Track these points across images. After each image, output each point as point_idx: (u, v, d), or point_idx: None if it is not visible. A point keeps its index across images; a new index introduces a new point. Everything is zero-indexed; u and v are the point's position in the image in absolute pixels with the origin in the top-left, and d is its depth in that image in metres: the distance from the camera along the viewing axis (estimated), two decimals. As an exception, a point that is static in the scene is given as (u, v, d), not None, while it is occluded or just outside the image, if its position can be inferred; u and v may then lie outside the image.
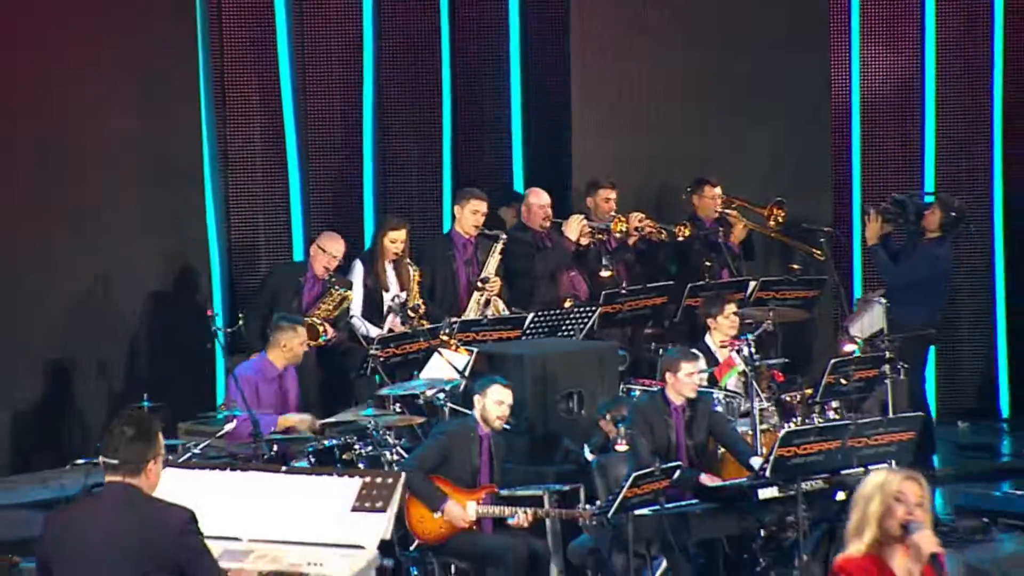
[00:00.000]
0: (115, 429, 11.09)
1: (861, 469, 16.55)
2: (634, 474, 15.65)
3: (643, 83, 22.84)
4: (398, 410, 17.84)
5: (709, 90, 22.96)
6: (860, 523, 10.13)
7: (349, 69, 22.90)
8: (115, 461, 10.91)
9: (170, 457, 14.66)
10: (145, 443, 10.96)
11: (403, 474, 14.44)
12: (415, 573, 16.76)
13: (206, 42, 21.94)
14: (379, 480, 12.87)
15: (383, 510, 12.27)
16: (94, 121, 20.87)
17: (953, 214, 21.33)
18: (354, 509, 12.24)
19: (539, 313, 19.23)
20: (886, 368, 18.89)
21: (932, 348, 22.65)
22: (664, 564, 16.55)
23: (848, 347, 19.33)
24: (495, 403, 16.51)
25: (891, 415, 18.75)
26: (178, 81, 21.35)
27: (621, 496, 15.50)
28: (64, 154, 20.51)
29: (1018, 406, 24.29)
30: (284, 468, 15.02)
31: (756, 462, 16.54)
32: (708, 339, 18.60)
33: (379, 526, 12.27)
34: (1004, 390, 23.41)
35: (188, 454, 17.53)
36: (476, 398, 16.88)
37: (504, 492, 16.54)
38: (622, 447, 16.37)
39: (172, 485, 12.00)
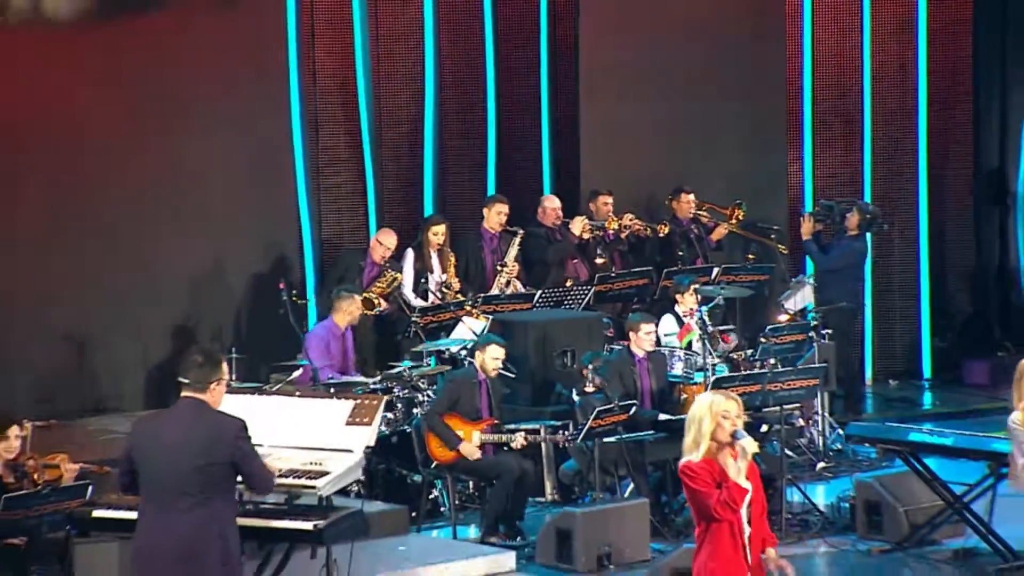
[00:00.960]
0: (189, 356, 11.81)
1: (777, 408, 17.26)
2: (597, 408, 16.24)
3: (640, 115, 22.40)
4: (431, 363, 18.45)
5: (690, 122, 22.70)
6: (696, 438, 10.75)
7: (413, 99, 22.64)
8: (187, 380, 11.51)
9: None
10: (211, 368, 11.58)
11: (384, 397, 15.18)
12: (439, 485, 17.28)
13: (299, 70, 21.79)
14: (365, 403, 13.28)
15: (368, 424, 12.72)
16: (214, 138, 20.81)
17: (868, 216, 21.68)
18: (347, 423, 12.78)
19: (546, 290, 19.69)
20: (812, 334, 19.19)
21: (868, 321, 23.44)
22: (631, 485, 17.05)
23: (782, 317, 19.59)
24: (492, 357, 17.04)
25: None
26: (276, 103, 21.40)
27: (587, 426, 16.17)
28: (192, 165, 20.57)
29: (936, 369, 24.23)
30: (297, 392, 16.26)
31: None
32: (677, 310, 19.01)
33: (365, 436, 12.79)
34: (926, 356, 23.53)
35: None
36: (476, 352, 17.41)
37: (511, 426, 17.03)
38: (590, 388, 17.07)
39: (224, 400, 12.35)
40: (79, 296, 19.78)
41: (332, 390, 17.63)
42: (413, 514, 16.99)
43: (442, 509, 17.46)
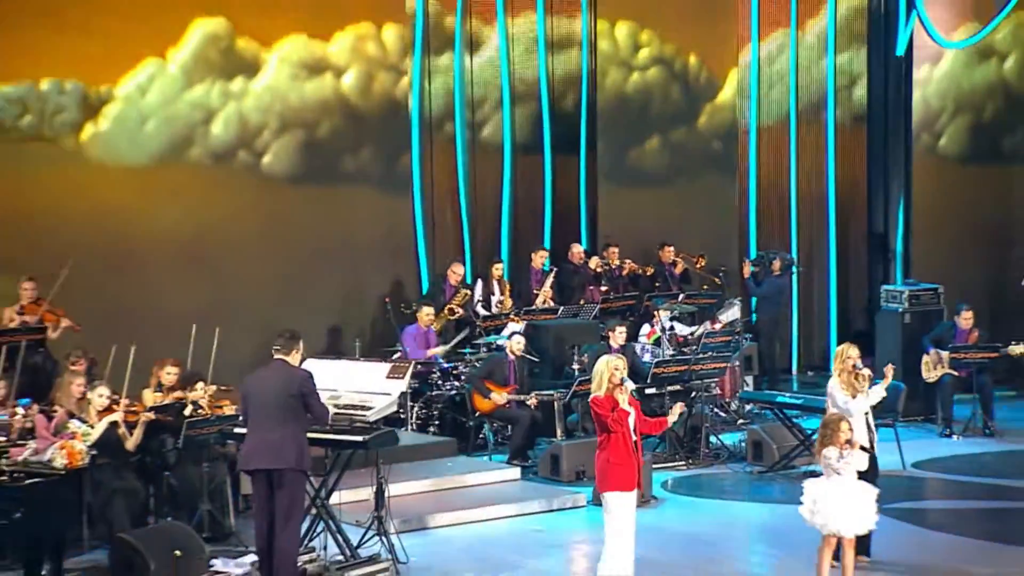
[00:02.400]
0: (278, 335, 12.87)
1: (699, 381, 17.84)
2: (579, 378, 17.05)
3: (639, 195, 22.23)
4: (486, 350, 18.68)
5: (672, 200, 22.45)
6: (599, 382, 11.84)
7: (494, 195, 22.31)
8: (277, 347, 12.63)
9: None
10: (292, 342, 12.63)
11: (413, 362, 16.52)
12: (486, 427, 17.71)
13: (419, 142, 21.25)
14: (399, 365, 14.45)
15: (402, 378, 13.76)
16: (368, 211, 20.66)
17: (787, 262, 21.87)
18: (387, 377, 13.68)
19: (567, 306, 19.80)
20: (735, 338, 19.38)
21: (795, 330, 23.28)
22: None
23: (716, 325, 19.63)
24: (517, 344, 17.72)
25: (736, 362, 19.31)
26: (401, 178, 20.89)
27: (572, 390, 17.07)
28: (345, 225, 20.34)
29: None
30: (359, 358, 17.46)
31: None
32: (654, 320, 19.31)
33: (399, 386, 13.77)
34: (832, 354, 22.11)
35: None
36: (507, 341, 18.08)
37: (533, 392, 17.55)
38: (576, 367, 17.82)
39: (310, 364, 13.29)
40: (271, 308, 19.07)
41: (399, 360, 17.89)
42: (462, 445, 17.61)
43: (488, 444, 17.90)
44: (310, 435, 13.03)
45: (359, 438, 13.10)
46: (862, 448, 12.54)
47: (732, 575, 13.42)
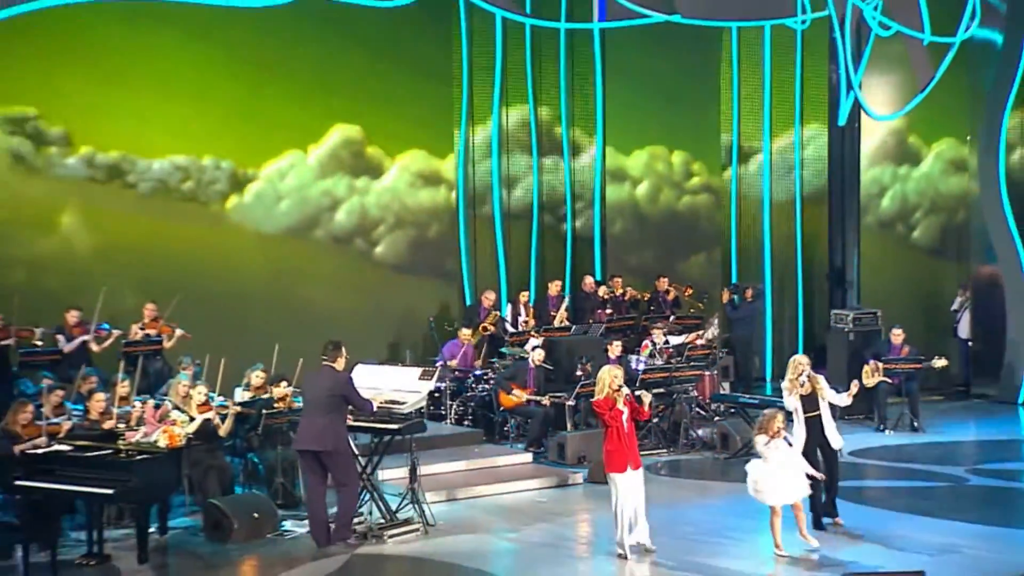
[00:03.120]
0: (325, 345, 13.10)
1: (679, 385, 17.73)
2: (582, 382, 17.01)
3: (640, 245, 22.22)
4: (508, 360, 18.50)
5: (664, 242, 22.24)
6: (600, 387, 12.22)
7: (525, 229, 22.04)
8: (325, 357, 12.89)
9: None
10: (336, 350, 12.87)
11: (440, 365, 17.37)
12: (512, 421, 17.60)
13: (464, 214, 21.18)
14: (428, 369, 14.50)
15: (430, 380, 13.88)
16: (415, 244, 20.69)
17: (758, 289, 21.58)
18: (419, 379, 13.71)
19: (578, 326, 19.61)
20: (713, 352, 19.05)
21: (769, 343, 22.53)
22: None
23: (700, 341, 19.07)
24: (538, 356, 17.57)
25: (715, 372, 18.95)
26: (453, 236, 20.96)
27: (576, 391, 17.04)
28: (394, 258, 20.40)
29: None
30: (399, 363, 17.23)
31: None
32: (649, 337, 18.87)
33: (428, 385, 13.90)
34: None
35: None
36: (531, 352, 17.87)
37: (547, 394, 17.39)
38: (580, 373, 17.47)
39: (361, 369, 13.95)
40: (347, 329, 17.30)
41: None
42: (490, 435, 17.48)
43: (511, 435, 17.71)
44: (359, 423, 13.37)
45: (395, 426, 13.35)
46: (831, 448, 12.95)
47: (704, 532, 13.37)
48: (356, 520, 13.21)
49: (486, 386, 17.99)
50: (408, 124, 20.72)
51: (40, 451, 12.74)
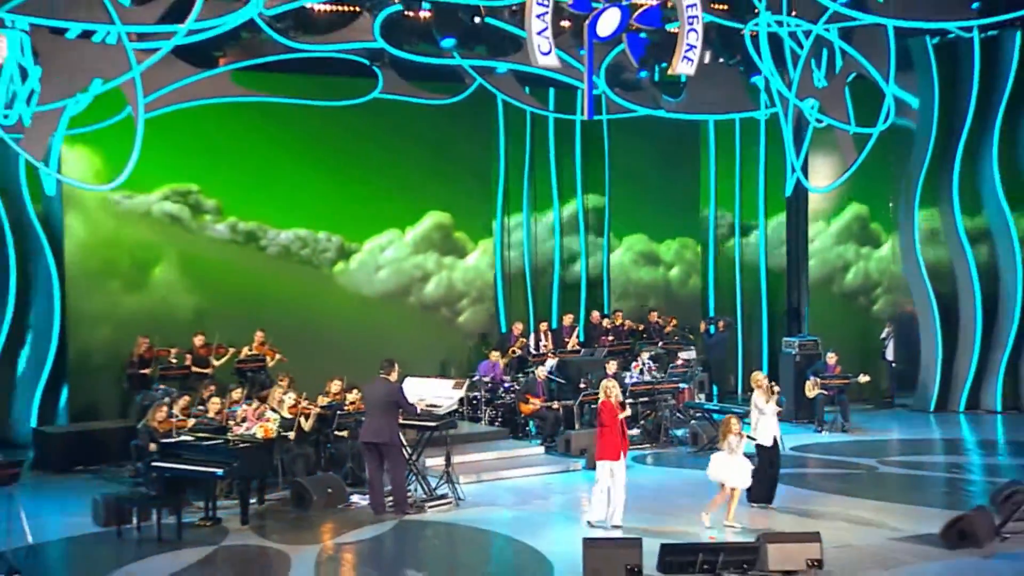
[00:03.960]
0: (382, 361, 13.19)
1: (660, 396, 17.42)
2: (584, 392, 16.92)
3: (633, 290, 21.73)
4: (523, 377, 18.10)
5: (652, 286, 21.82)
6: (601, 393, 12.24)
7: (545, 270, 21.55)
8: (382, 370, 13.03)
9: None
10: (390, 366, 12.99)
11: (469, 379, 16.89)
12: (531, 423, 17.24)
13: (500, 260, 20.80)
14: (460, 381, 14.75)
15: (461, 389, 14.09)
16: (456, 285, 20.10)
17: (727, 323, 21.28)
18: (452, 388, 13.97)
19: (585, 349, 19.35)
20: (690, 370, 18.63)
21: (740, 363, 21.72)
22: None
23: (679, 362, 18.61)
24: (544, 372, 17.36)
25: (691, 384, 18.60)
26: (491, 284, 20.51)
27: (580, 398, 16.97)
28: (432, 299, 19.89)
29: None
30: (438, 376, 16.36)
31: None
32: (639, 358, 18.19)
33: (459, 393, 14.12)
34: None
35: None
36: (538, 369, 17.55)
37: (556, 401, 17.08)
38: (583, 385, 17.31)
39: (411, 381, 14.02)
40: (407, 354, 16.61)
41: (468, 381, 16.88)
42: (513, 433, 17.09)
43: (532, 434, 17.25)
44: (406, 422, 13.51)
45: (433, 423, 13.59)
46: (775, 440, 12.97)
47: (677, 506, 13.28)
48: (408, 497, 13.21)
49: (512, 396, 17.71)
50: (483, 215, 20.79)
51: (171, 441, 13.06)
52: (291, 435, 14.19)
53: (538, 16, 13.95)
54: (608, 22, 14.22)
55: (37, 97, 14.45)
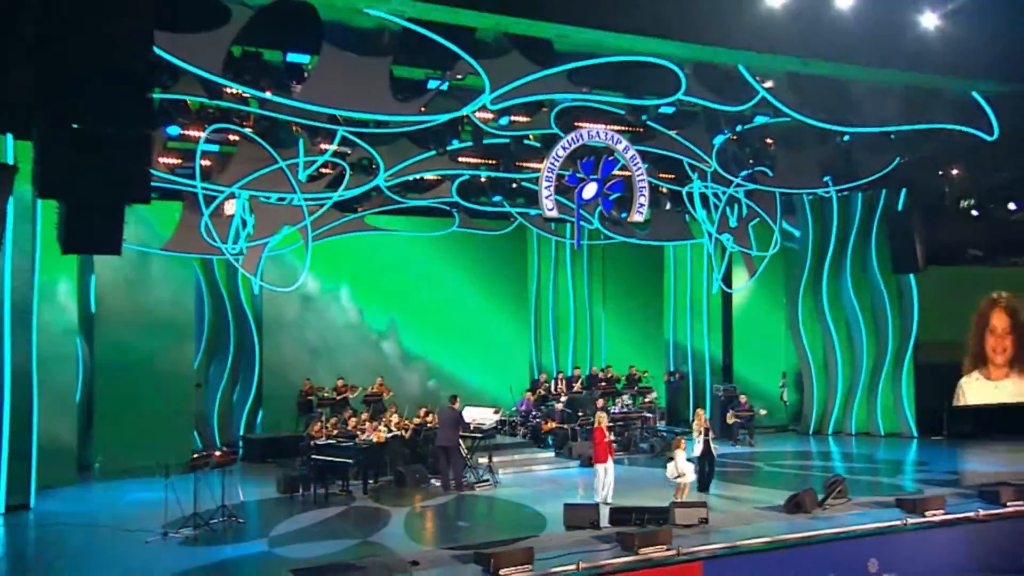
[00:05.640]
0: (450, 396, 13.24)
1: (632, 421, 17.11)
2: (579, 414, 16.59)
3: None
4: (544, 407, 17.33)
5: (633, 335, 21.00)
6: (596, 420, 12.28)
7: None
8: (450, 402, 13.35)
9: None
10: (454, 399, 13.33)
11: (502, 408, 16.36)
12: (550, 438, 16.55)
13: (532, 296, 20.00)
14: (497, 408, 15.26)
15: (497, 414, 14.71)
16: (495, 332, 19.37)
17: (683, 374, 21.03)
18: (493, 413, 14.75)
19: (586, 390, 18.31)
20: (653, 405, 18.29)
21: (692, 402, 20.36)
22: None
23: (646, 400, 18.27)
24: (559, 406, 16.53)
25: (654, 415, 17.99)
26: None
27: (579, 422, 16.50)
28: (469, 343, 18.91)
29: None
30: (485, 406, 16.28)
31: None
32: (620, 398, 17.95)
33: (497, 416, 14.81)
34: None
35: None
36: (556, 404, 17.01)
37: (567, 424, 16.27)
38: (580, 414, 16.64)
39: (469, 408, 14.63)
40: (468, 394, 16.97)
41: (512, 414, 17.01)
42: (536, 444, 16.53)
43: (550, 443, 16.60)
44: (464, 434, 13.81)
45: (479, 435, 14.19)
46: (711, 451, 12.77)
47: (641, 489, 13.01)
48: (464, 480, 13.53)
49: (537, 419, 17.33)
50: (521, 310, 20.15)
51: (322, 443, 13.14)
52: (390, 438, 14.01)
53: (546, 187, 14.25)
54: (589, 189, 14.55)
55: (251, 236, 15.23)
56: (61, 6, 8.09)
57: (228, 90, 11.65)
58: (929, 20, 12.56)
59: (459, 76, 12.22)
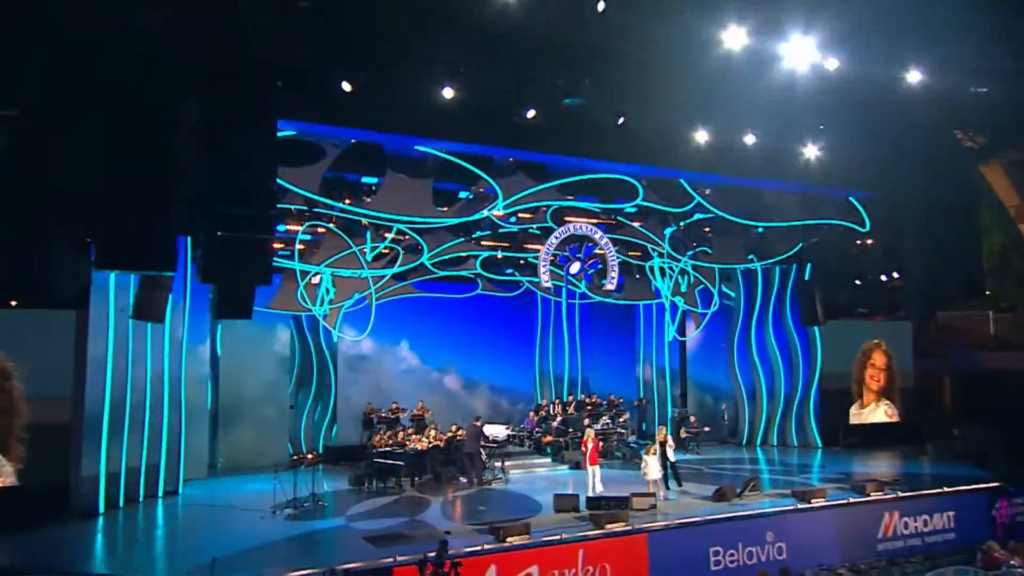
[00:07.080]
0: (474, 416, 13.32)
1: (612, 434, 16.60)
2: (570, 430, 16.21)
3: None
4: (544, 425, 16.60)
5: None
6: (585, 435, 12.47)
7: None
8: (474, 419, 13.29)
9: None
10: (477, 418, 13.04)
11: (511, 424, 16.38)
12: (548, 448, 16.12)
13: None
14: (508, 425, 15.33)
15: (508, 430, 14.50)
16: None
17: (649, 399, 19.94)
18: (505, 429, 14.55)
19: (577, 412, 17.39)
20: (627, 423, 17.50)
21: (656, 420, 19.93)
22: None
23: (622, 419, 17.39)
24: (555, 424, 16.21)
25: (625, 427, 17.34)
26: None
27: (568, 436, 16.12)
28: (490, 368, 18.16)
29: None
30: (497, 422, 16.09)
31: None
32: (603, 418, 16.96)
33: (508, 431, 14.68)
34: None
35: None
36: (553, 422, 16.36)
37: (561, 438, 15.90)
38: (571, 431, 16.06)
39: (488, 425, 14.39)
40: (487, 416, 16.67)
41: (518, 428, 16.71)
42: (538, 452, 16.28)
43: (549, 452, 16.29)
44: (484, 445, 14.06)
45: (494, 445, 14.41)
46: (667, 460, 12.77)
47: (618, 485, 12.97)
48: (483, 478, 13.82)
49: (539, 434, 16.97)
50: (526, 356, 19.43)
51: (381, 451, 13.54)
52: (429, 446, 14.05)
53: (543, 265, 15.37)
54: (574, 266, 15.66)
55: (332, 300, 15.48)
56: (215, 161, 9.63)
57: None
58: (811, 151, 14.51)
59: (481, 189, 13.89)
